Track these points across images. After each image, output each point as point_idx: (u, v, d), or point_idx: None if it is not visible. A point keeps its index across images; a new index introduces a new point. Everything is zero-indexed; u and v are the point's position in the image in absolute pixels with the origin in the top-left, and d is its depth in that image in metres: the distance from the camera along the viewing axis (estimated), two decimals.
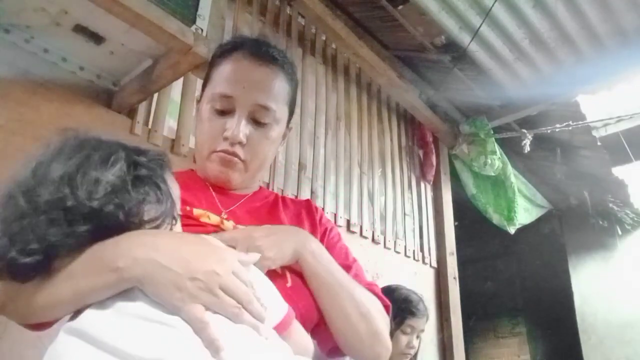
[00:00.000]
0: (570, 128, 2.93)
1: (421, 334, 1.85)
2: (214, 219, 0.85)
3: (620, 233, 4.10)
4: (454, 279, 2.84)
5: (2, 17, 1.35)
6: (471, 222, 3.55)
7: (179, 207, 0.71)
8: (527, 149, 2.99)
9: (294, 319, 0.72)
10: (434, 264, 2.82)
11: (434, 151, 3.03)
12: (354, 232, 2.34)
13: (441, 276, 2.81)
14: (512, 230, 3.27)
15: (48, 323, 0.64)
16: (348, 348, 0.84)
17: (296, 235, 0.85)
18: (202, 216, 0.84)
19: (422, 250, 2.77)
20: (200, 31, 1.35)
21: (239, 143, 0.90)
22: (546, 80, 2.73)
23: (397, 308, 1.75)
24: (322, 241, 0.94)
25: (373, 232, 2.45)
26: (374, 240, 2.44)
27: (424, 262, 2.74)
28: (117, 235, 0.60)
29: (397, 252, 2.57)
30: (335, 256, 0.90)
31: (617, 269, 4.07)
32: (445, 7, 2.35)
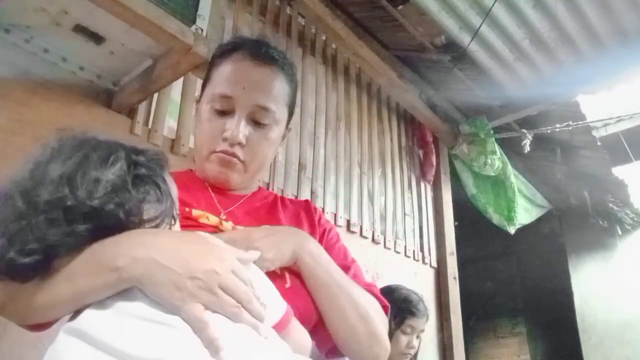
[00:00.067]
0: (570, 128, 2.93)
1: (421, 334, 1.85)
2: (212, 219, 0.85)
3: (620, 233, 4.10)
4: (454, 279, 2.84)
5: (2, 17, 1.35)
6: (471, 222, 3.55)
7: (177, 206, 0.71)
8: (527, 149, 2.99)
9: (293, 317, 0.72)
10: (434, 264, 2.82)
11: (434, 151, 3.03)
12: (354, 232, 2.34)
13: (441, 276, 2.81)
14: (512, 230, 3.27)
15: (47, 324, 0.64)
16: (347, 349, 0.84)
17: (295, 236, 0.85)
18: (201, 217, 0.84)
19: (422, 250, 2.77)
20: (200, 31, 1.35)
21: (239, 144, 0.90)
22: (546, 80, 2.72)
23: (397, 308, 1.75)
24: (321, 242, 0.94)
25: (373, 232, 2.45)
26: (374, 240, 2.44)
27: (424, 262, 2.74)
28: (116, 235, 0.60)
29: (397, 252, 2.57)
30: (334, 257, 0.90)
31: (617, 269, 4.07)
32: (445, 7, 2.35)
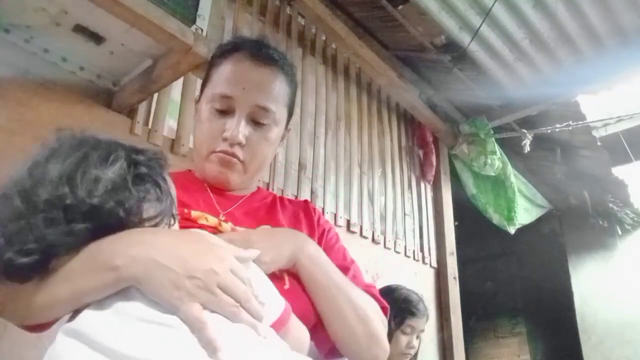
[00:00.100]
0: (570, 128, 2.93)
1: (421, 334, 1.85)
2: (211, 220, 0.85)
3: (620, 233, 4.10)
4: (454, 279, 2.84)
5: (2, 17, 1.35)
6: (471, 222, 3.55)
7: (176, 206, 0.71)
8: (527, 149, 2.99)
9: (292, 314, 0.72)
10: (434, 264, 2.82)
11: (434, 151, 3.03)
12: (354, 232, 2.34)
13: (441, 276, 2.81)
14: (512, 230, 3.27)
15: (47, 324, 0.64)
16: (346, 350, 0.84)
17: (293, 238, 0.85)
18: (200, 218, 0.84)
19: (422, 250, 2.77)
20: (200, 31, 1.35)
21: (239, 144, 0.90)
22: (546, 80, 2.73)
23: (397, 308, 1.75)
24: (320, 242, 0.94)
25: (373, 232, 2.45)
26: (374, 240, 2.44)
27: (424, 262, 2.74)
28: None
29: (397, 252, 2.57)
30: (333, 257, 0.90)
31: (617, 269, 4.07)
32: (445, 7, 2.35)
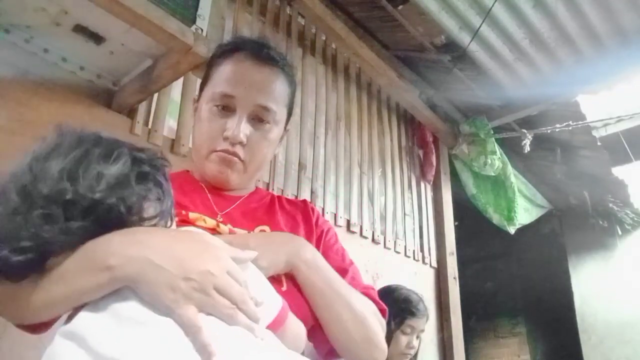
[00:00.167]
0: (570, 128, 2.93)
1: (421, 334, 1.85)
2: (209, 222, 0.84)
3: (620, 233, 4.10)
4: (454, 279, 2.83)
5: (2, 17, 1.35)
6: (471, 222, 3.55)
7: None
8: (527, 149, 2.99)
9: (289, 312, 0.71)
10: (434, 264, 2.82)
11: (434, 151, 3.03)
12: (354, 232, 2.34)
13: (441, 276, 2.81)
14: (512, 230, 3.27)
15: (47, 324, 0.63)
16: (344, 352, 0.84)
17: (290, 243, 0.85)
18: (198, 220, 0.83)
19: (422, 250, 2.77)
20: (200, 31, 1.35)
21: (240, 143, 0.90)
22: (546, 80, 2.72)
23: (397, 308, 1.75)
24: (318, 243, 0.94)
25: (373, 232, 2.45)
26: (374, 240, 2.44)
27: (424, 262, 2.74)
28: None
29: (397, 252, 2.57)
30: (332, 258, 0.90)
31: (617, 269, 4.07)
32: (445, 7, 2.35)
